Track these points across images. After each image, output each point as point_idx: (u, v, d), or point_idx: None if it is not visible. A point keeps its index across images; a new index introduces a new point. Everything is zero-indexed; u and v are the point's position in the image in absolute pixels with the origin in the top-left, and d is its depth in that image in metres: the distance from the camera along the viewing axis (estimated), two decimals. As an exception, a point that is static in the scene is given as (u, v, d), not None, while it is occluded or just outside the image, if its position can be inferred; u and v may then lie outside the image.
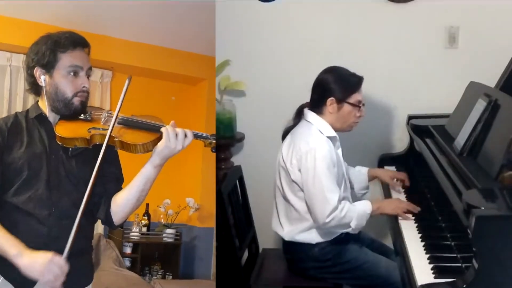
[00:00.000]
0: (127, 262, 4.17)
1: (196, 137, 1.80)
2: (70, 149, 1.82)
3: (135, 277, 3.85)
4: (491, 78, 2.68)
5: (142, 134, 1.80)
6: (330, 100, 2.58)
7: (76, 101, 1.83)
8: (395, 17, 3.31)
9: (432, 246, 2.11)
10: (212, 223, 4.17)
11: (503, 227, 1.61)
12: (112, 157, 1.87)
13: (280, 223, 2.68)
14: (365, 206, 2.55)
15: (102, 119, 1.85)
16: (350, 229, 2.53)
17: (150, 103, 4.33)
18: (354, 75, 2.63)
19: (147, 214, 4.38)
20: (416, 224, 2.40)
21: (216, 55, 3.42)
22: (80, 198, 1.77)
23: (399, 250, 2.22)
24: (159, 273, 4.38)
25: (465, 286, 1.64)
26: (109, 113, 1.86)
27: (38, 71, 1.83)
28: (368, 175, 2.91)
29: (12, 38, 3.82)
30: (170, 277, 4.37)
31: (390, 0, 3.29)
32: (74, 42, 1.84)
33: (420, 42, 3.32)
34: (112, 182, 1.88)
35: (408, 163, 3.14)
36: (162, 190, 3.77)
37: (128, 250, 4.23)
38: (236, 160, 3.47)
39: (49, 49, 1.82)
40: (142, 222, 4.34)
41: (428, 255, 2.03)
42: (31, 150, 1.81)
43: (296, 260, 2.67)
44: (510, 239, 1.60)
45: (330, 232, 2.57)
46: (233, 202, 2.79)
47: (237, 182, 2.97)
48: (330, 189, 2.47)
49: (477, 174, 1.96)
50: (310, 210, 2.54)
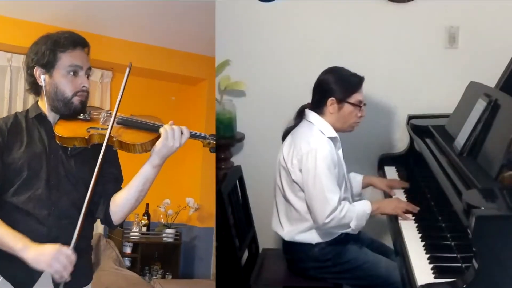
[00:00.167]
0: (127, 262, 4.17)
1: (194, 136, 1.80)
2: (69, 148, 1.82)
3: (135, 277, 3.84)
4: (491, 78, 2.68)
5: (141, 134, 1.80)
6: (331, 100, 2.58)
7: (75, 100, 1.83)
8: (395, 17, 3.31)
9: (432, 246, 2.11)
10: (212, 223, 4.17)
11: (503, 227, 1.61)
12: (111, 157, 1.87)
13: (280, 223, 2.68)
14: (364, 206, 2.55)
15: (101, 119, 1.85)
16: (350, 229, 2.53)
17: (150, 103, 4.33)
18: (354, 75, 2.62)
19: (147, 214, 4.37)
20: (416, 224, 2.39)
21: (216, 55, 3.42)
22: (79, 198, 1.77)
23: (399, 250, 2.22)
24: (159, 273, 4.38)
25: (465, 286, 1.64)
26: (108, 112, 1.86)
27: (38, 71, 1.83)
28: (362, 182, 2.90)
29: (12, 38, 3.81)
30: (170, 277, 4.36)
31: (390, 0, 3.29)
32: (74, 42, 1.84)
33: (420, 42, 3.32)
34: (111, 182, 1.88)
35: (408, 163, 3.14)
36: (162, 190, 3.78)
37: (128, 250, 4.23)
38: (236, 160, 3.47)
39: (49, 49, 1.82)
40: (142, 222, 4.33)
41: (428, 255, 2.03)
42: (31, 150, 1.81)
43: (296, 260, 2.67)
44: (510, 239, 1.60)
45: (330, 232, 2.56)
46: (233, 202, 2.79)
47: (237, 182, 2.97)
48: (331, 189, 2.47)
49: (477, 174, 1.96)
50: (310, 210, 2.53)
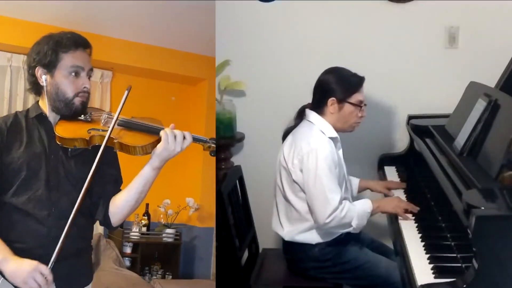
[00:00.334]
0: (127, 262, 4.17)
1: (195, 140, 1.80)
2: (70, 149, 1.82)
3: (135, 277, 3.84)
4: (491, 78, 2.68)
5: (141, 136, 1.80)
6: (331, 100, 2.58)
7: (77, 101, 1.83)
8: (395, 17, 3.31)
9: (432, 246, 2.11)
10: (212, 223, 4.16)
11: (503, 227, 1.61)
12: (111, 158, 1.87)
13: (280, 223, 2.68)
14: (365, 205, 2.55)
15: (102, 120, 1.85)
16: (351, 228, 2.53)
17: (150, 104, 4.32)
18: (355, 75, 2.63)
19: (147, 214, 4.37)
20: (416, 224, 2.39)
21: (216, 55, 3.42)
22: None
23: (399, 250, 2.22)
24: (159, 273, 4.38)
25: (465, 286, 1.64)
26: (109, 114, 1.86)
27: (39, 71, 1.83)
28: (358, 186, 2.90)
29: (12, 38, 3.81)
30: (170, 277, 4.36)
31: (390, 0, 3.30)
32: (76, 42, 1.84)
33: (420, 42, 3.32)
34: (110, 184, 1.87)
35: (408, 163, 3.14)
36: (162, 190, 3.77)
37: (128, 250, 4.23)
38: (236, 160, 3.47)
39: (51, 49, 1.82)
40: (142, 222, 4.33)
41: (428, 255, 2.03)
42: (31, 150, 1.80)
43: (296, 260, 2.67)
44: (510, 239, 1.60)
45: (330, 232, 2.56)
46: (233, 202, 2.79)
47: (237, 182, 2.97)
48: (332, 189, 2.47)
49: (477, 174, 1.96)
50: (311, 210, 2.53)
